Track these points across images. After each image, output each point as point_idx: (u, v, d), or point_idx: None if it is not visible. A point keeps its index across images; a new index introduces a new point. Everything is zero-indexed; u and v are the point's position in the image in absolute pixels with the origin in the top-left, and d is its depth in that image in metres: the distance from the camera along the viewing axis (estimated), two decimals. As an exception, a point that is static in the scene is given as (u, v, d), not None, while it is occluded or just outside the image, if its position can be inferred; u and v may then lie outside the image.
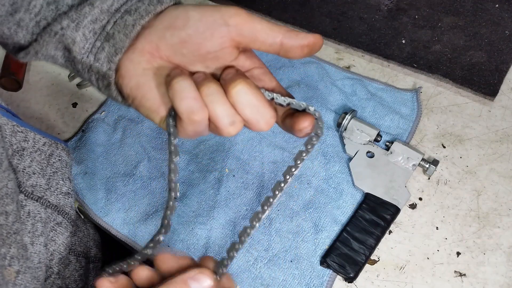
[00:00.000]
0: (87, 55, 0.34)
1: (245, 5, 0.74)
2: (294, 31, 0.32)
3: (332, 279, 0.48)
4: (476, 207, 0.50)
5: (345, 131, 0.55)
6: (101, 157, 0.60)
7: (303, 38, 0.31)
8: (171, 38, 0.32)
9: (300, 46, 0.31)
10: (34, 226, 0.43)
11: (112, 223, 0.54)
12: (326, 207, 0.52)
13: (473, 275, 0.46)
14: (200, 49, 0.32)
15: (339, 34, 0.67)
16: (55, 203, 0.47)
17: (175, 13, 0.33)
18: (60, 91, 0.69)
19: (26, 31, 0.36)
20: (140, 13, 0.33)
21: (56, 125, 0.65)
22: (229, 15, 0.31)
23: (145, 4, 0.34)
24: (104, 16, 0.34)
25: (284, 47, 0.32)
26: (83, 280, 0.54)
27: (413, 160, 0.52)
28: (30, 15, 0.35)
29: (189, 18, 0.32)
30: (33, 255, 0.42)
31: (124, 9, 0.34)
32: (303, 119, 0.32)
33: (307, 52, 0.32)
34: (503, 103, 0.58)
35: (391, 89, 0.60)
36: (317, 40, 0.32)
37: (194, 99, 0.30)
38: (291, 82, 0.63)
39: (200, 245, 0.51)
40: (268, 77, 0.35)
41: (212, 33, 0.31)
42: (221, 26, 0.31)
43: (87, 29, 0.34)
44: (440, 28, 0.64)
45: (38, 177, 0.46)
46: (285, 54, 0.32)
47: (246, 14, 0.31)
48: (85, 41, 0.34)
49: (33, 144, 0.46)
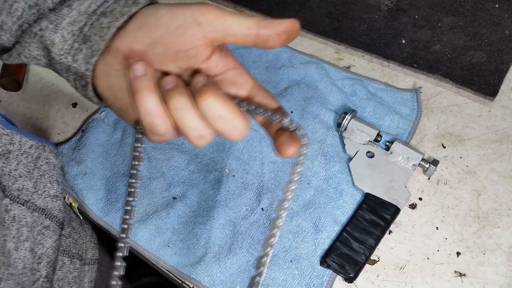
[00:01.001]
0: (65, 56, 0.34)
1: (244, 5, 0.74)
2: (268, 19, 0.31)
3: (332, 279, 0.48)
4: (476, 207, 0.50)
5: (345, 131, 0.55)
6: (101, 157, 0.60)
7: (279, 25, 0.30)
8: (142, 38, 0.32)
9: (277, 33, 0.31)
10: (19, 231, 0.42)
11: (112, 223, 0.54)
12: (326, 207, 0.52)
13: (473, 275, 0.46)
14: (172, 48, 0.32)
15: (339, 34, 0.67)
16: (43, 206, 0.47)
17: (147, 12, 0.33)
18: (60, 91, 0.69)
19: (10, 34, 0.36)
20: (115, 15, 0.33)
21: (56, 125, 0.65)
22: (200, 12, 0.31)
23: (120, 6, 0.34)
24: (82, 18, 0.34)
25: (261, 37, 0.31)
26: (77, 282, 0.53)
27: (413, 160, 0.52)
28: (12, 18, 0.35)
29: (160, 17, 0.32)
30: (17, 261, 0.41)
31: (100, 11, 0.34)
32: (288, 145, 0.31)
33: (285, 39, 0.31)
34: (503, 103, 0.58)
35: (391, 89, 0.60)
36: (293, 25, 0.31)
37: (158, 116, 0.30)
38: (291, 82, 0.63)
39: (200, 245, 0.51)
40: (244, 78, 0.34)
41: (183, 31, 0.31)
42: (192, 24, 0.31)
43: (65, 30, 0.34)
44: (440, 28, 0.64)
45: (25, 180, 0.45)
46: (264, 44, 0.31)
47: (217, 9, 0.31)
48: (63, 42, 0.34)
49: (19, 146, 0.46)
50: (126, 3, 0.34)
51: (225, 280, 0.49)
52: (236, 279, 0.48)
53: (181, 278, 0.50)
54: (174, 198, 0.55)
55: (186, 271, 0.50)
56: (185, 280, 0.49)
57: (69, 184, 0.57)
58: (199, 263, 0.50)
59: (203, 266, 0.50)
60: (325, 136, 0.57)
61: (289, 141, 0.31)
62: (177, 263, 0.51)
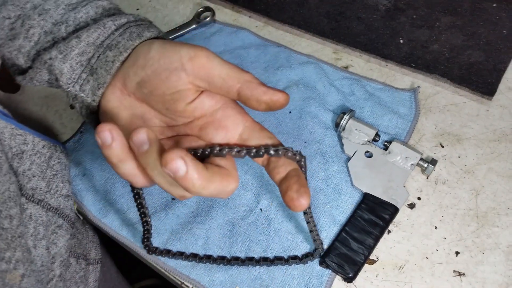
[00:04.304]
0: (72, 85, 0.35)
1: (243, 6, 0.74)
2: (255, 83, 0.30)
3: (331, 279, 0.47)
4: (474, 206, 0.50)
5: (343, 131, 0.55)
6: (99, 158, 0.60)
7: (262, 94, 0.30)
8: (134, 76, 0.33)
9: (256, 100, 0.30)
10: (36, 229, 0.43)
11: (111, 224, 0.54)
12: (325, 207, 0.52)
13: (472, 274, 0.46)
14: (158, 90, 0.32)
15: (337, 34, 0.67)
16: (56, 205, 0.47)
17: (140, 50, 0.33)
18: (58, 92, 0.69)
19: (28, 58, 0.37)
20: (119, 49, 0.33)
21: (54, 126, 0.65)
22: (188, 58, 0.30)
23: (125, 39, 0.34)
24: (90, 49, 0.34)
25: (242, 97, 0.30)
26: (83, 281, 0.54)
27: (412, 159, 0.52)
28: (30, 43, 0.36)
29: (149, 58, 0.32)
30: (36, 258, 0.42)
31: (106, 44, 0.34)
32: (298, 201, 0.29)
33: (264, 108, 0.30)
34: (501, 103, 0.58)
35: (389, 89, 0.60)
36: (277, 99, 0.30)
37: (133, 175, 0.29)
38: (289, 83, 0.63)
39: (198, 245, 0.51)
40: (234, 120, 0.33)
41: (168, 76, 0.31)
42: (177, 70, 0.31)
43: (74, 61, 0.34)
44: (438, 27, 0.64)
45: (38, 179, 0.46)
46: (244, 103, 0.31)
47: (205, 57, 0.30)
48: (72, 72, 0.34)
49: (33, 146, 0.46)
50: (130, 36, 0.34)
51: (224, 281, 0.49)
52: (235, 279, 0.48)
53: (180, 278, 0.50)
54: (172, 199, 0.55)
55: (185, 271, 0.50)
56: (184, 281, 0.49)
57: (67, 185, 0.57)
58: (198, 264, 0.50)
59: (202, 266, 0.50)
60: (323, 136, 0.57)
61: (298, 196, 0.29)
62: (176, 264, 0.50)
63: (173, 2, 0.79)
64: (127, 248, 0.54)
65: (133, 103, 0.34)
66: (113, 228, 0.54)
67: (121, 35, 0.34)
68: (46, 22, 0.36)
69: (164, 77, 0.31)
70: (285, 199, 0.30)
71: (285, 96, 0.30)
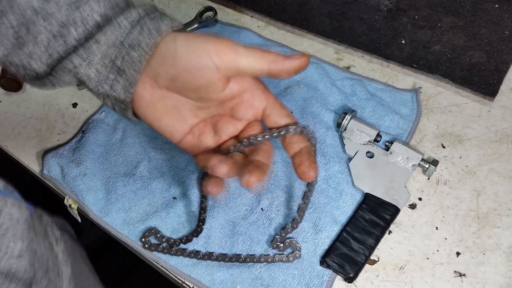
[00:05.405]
0: (102, 85, 0.36)
1: (245, 5, 0.74)
2: (280, 58, 0.34)
3: (332, 279, 0.48)
4: (475, 207, 0.50)
5: (345, 131, 0.55)
6: (101, 157, 0.60)
7: (289, 64, 0.34)
8: (164, 74, 0.35)
9: (286, 71, 0.34)
10: None
11: (112, 224, 0.55)
12: (326, 207, 0.52)
13: (472, 275, 0.46)
14: (190, 85, 0.35)
15: (339, 35, 0.67)
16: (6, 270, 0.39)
17: (165, 49, 0.35)
18: (60, 91, 0.69)
19: (41, 62, 0.37)
20: (143, 48, 0.35)
21: (56, 125, 0.65)
22: (215, 53, 0.33)
23: (145, 37, 0.35)
24: (112, 51, 0.36)
25: (272, 73, 0.34)
26: None
27: (413, 160, 0.52)
28: (40, 48, 0.37)
29: (176, 57, 0.34)
30: None
31: (127, 43, 0.35)
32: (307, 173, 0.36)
33: (294, 74, 0.35)
34: (502, 103, 0.58)
35: (391, 89, 0.60)
36: (302, 63, 0.34)
37: None
38: (291, 82, 0.63)
39: (199, 244, 0.51)
40: (258, 99, 0.37)
41: (199, 71, 0.34)
42: (207, 65, 0.33)
43: (99, 65, 0.36)
44: (439, 28, 0.64)
45: None
46: (274, 77, 0.35)
47: (231, 50, 0.33)
48: (98, 75, 0.36)
49: None
50: (150, 34, 0.35)
51: (225, 280, 0.49)
52: (236, 279, 0.48)
53: (181, 277, 0.50)
54: (174, 198, 0.55)
55: (186, 270, 0.50)
56: (185, 280, 0.50)
57: (69, 185, 0.57)
58: (200, 263, 0.50)
59: (203, 266, 0.50)
60: (325, 136, 0.57)
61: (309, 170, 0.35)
62: (177, 263, 0.51)
63: (175, 2, 0.79)
64: (128, 247, 0.54)
65: (164, 94, 0.37)
66: (114, 227, 0.54)
67: (140, 34, 0.35)
68: (52, 26, 0.36)
69: (195, 73, 0.34)
70: (298, 172, 0.36)
71: (306, 59, 0.35)
